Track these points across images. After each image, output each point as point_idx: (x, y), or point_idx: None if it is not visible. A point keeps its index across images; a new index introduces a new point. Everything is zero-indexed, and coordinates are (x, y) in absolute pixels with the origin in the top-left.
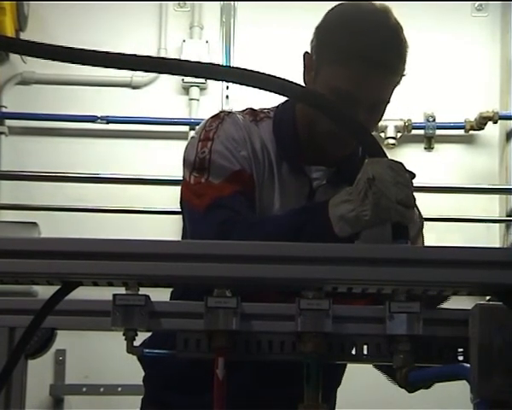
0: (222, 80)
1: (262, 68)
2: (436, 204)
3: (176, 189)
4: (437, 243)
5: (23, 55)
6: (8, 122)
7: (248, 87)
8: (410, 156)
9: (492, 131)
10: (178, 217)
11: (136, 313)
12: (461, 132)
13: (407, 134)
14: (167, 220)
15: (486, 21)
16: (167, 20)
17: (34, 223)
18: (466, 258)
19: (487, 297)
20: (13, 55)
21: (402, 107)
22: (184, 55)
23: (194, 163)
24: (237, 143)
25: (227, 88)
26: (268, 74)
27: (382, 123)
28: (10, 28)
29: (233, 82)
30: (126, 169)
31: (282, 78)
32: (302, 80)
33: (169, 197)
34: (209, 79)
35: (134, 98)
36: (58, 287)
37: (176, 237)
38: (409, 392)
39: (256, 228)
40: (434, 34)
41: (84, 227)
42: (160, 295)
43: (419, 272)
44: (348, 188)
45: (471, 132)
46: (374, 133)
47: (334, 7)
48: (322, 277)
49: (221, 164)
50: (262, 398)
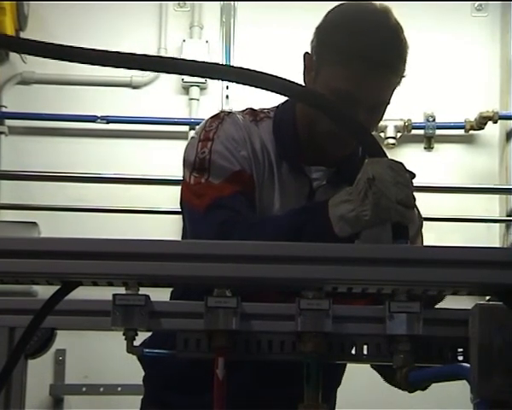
0: (222, 79)
1: (262, 68)
2: (436, 204)
3: (176, 189)
4: (437, 243)
5: (21, 53)
6: (8, 122)
7: (248, 87)
8: (410, 156)
9: (492, 131)
10: (178, 217)
11: (136, 313)
12: (461, 132)
13: (407, 134)
14: (167, 220)
15: (486, 21)
16: (167, 20)
17: (34, 223)
18: (466, 258)
19: (487, 297)
20: (13, 54)
21: (402, 107)
22: (184, 54)
23: (194, 163)
24: (237, 144)
25: (227, 88)
26: (268, 74)
27: (382, 123)
28: (10, 28)
29: (233, 81)
30: (126, 169)
31: (283, 77)
32: (302, 81)
33: (169, 197)
34: (209, 79)
35: (134, 98)
36: (58, 287)
37: (176, 237)
38: (409, 392)
39: (256, 228)
40: (434, 34)
41: (85, 227)
42: (160, 295)
43: (419, 272)
44: (348, 188)
45: (471, 132)
46: (374, 133)
47: (334, 7)
48: (322, 277)
49: (221, 164)
50: (262, 398)
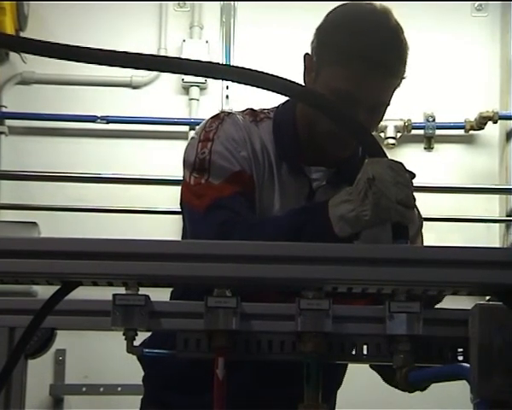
0: (222, 79)
1: (262, 68)
2: (436, 204)
3: (176, 189)
4: (437, 243)
5: (27, 53)
6: (8, 122)
7: (249, 86)
8: (410, 156)
9: (492, 131)
10: (178, 217)
11: (136, 313)
12: (461, 132)
13: (407, 134)
14: (167, 220)
15: (486, 21)
16: (167, 20)
17: (34, 223)
18: (466, 258)
19: (487, 297)
20: (13, 54)
21: (402, 107)
22: (184, 54)
23: (194, 164)
24: (237, 144)
25: (227, 88)
26: (268, 74)
27: (382, 123)
28: (10, 28)
29: (233, 81)
30: (126, 169)
31: (283, 77)
32: (302, 81)
33: (169, 197)
34: (209, 78)
35: (134, 98)
36: (58, 287)
37: (176, 237)
38: (409, 392)
39: (256, 229)
40: (434, 34)
41: (85, 227)
42: (160, 295)
43: (419, 272)
44: (348, 188)
45: (471, 132)
46: (373, 133)
47: (334, 8)
48: (322, 277)
49: (221, 165)
50: (262, 398)
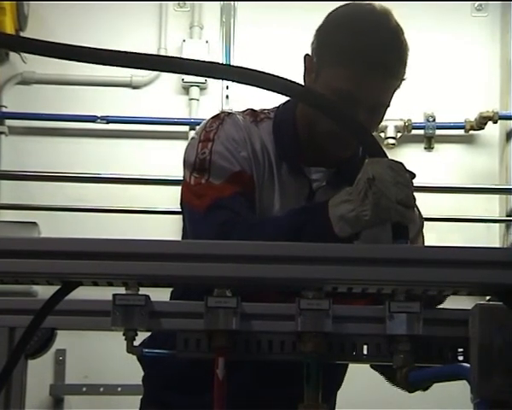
0: (222, 79)
1: (262, 68)
2: (436, 204)
3: (176, 189)
4: (437, 243)
5: (29, 53)
6: (8, 122)
7: (249, 86)
8: (410, 156)
9: (492, 131)
10: (178, 217)
11: (136, 313)
12: (461, 132)
13: (407, 134)
14: (167, 220)
15: (486, 21)
16: (167, 20)
17: (34, 223)
18: (466, 258)
19: (487, 297)
20: (13, 55)
21: (402, 107)
22: (184, 54)
23: (194, 164)
24: (237, 144)
25: (227, 88)
26: (268, 73)
27: (382, 123)
28: (10, 28)
29: (234, 81)
30: (126, 169)
31: (283, 77)
32: (302, 82)
33: (169, 197)
34: (210, 78)
35: (134, 98)
36: (58, 287)
37: (176, 237)
38: (409, 392)
39: (256, 229)
40: (434, 34)
41: (84, 227)
42: (160, 295)
43: (419, 272)
44: (348, 188)
45: (471, 132)
46: (374, 133)
47: (334, 9)
48: (322, 277)
49: (221, 165)
50: (262, 398)
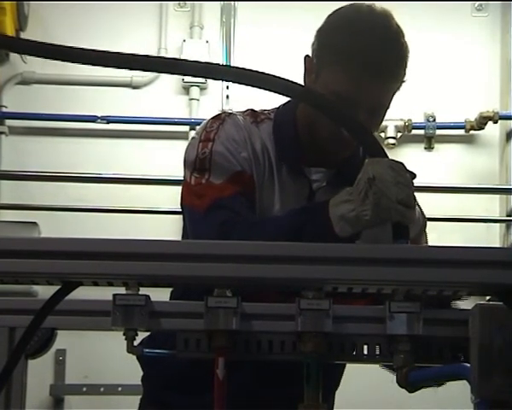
0: (222, 80)
1: (262, 68)
2: (436, 204)
3: (176, 189)
4: (437, 243)
5: (21, 53)
6: (8, 122)
7: (249, 86)
8: (411, 156)
9: (492, 131)
10: (179, 217)
11: (136, 313)
12: (461, 132)
13: (407, 134)
14: (167, 220)
15: (486, 21)
16: (167, 20)
17: (34, 223)
18: (466, 258)
19: (487, 297)
20: (13, 55)
21: (402, 107)
22: (184, 55)
23: (194, 164)
24: (238, 144)
25: (227, 88)
26: (268, 74)
27: (382, 123)
28: (10, 28)
29: (233, 81)
30: (126, 169)
31: (283, 77)
32: (302, 83)
33: (169, 197)
34: (210, 79)
35: (134, 98)
36: (58, 287)
37: (176, 237)
38: (409, 392)
39: (256, 229)
40: (434, 34)
41: (85, 227)
42: (160, 295)
43: (419, 272)
44: (349, 188)
45: (471, 132)
46: (374, 133)
47: (335, 10)
48: (322, 277)
49: (222, 165)
50: (262, 398)
